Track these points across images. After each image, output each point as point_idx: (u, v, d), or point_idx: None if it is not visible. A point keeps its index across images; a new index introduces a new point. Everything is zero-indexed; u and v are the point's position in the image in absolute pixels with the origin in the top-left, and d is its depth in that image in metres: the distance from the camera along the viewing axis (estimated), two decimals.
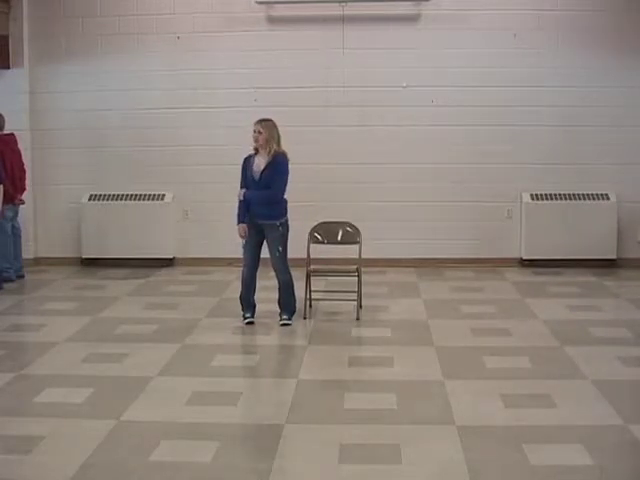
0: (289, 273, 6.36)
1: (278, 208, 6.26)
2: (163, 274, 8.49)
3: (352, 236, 6.82)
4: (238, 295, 6.50)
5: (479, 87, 8.47)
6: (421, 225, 8.68)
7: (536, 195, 8.55)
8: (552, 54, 8.44)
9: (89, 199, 8.81)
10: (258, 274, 6.44)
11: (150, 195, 8.78)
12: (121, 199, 8.78)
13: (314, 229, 6.84)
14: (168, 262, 8.85)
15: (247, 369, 5.50)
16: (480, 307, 6.96)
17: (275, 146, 6.18)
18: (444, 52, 8.47)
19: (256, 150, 6.26)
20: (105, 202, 8.79)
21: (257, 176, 6.20)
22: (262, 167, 6.19)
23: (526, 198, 8.55)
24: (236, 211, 6.35)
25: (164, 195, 8.78)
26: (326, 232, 6.88)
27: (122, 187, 8.82)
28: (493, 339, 5.97)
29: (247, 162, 6.29)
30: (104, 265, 8.73)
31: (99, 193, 8.82)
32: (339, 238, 6.88)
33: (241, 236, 6.28)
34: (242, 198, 6.25)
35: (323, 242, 6.86)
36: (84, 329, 6.34)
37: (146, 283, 8.08)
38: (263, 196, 6.21)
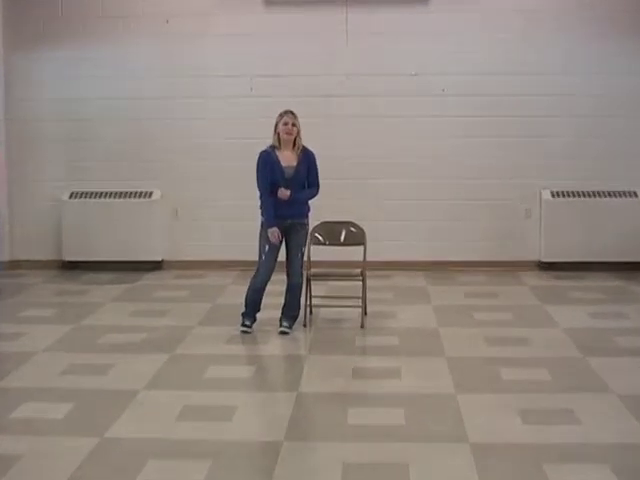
0: (302, 276, 6.42)
1: (307, 205, 6.40)
2: (151, 278, 8.48)
3: (356, 237, 6.81)
4: (235, 301, 6.48)
5: (494, 75, 8.47)
6: (431, 225, 8.68)
7: (557, 192, 8.54)
8: (576, 39, 8.42)
9: (70, 196, 8.81)
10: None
11: (137, 192, 8.77)
12: (106, 196, 8.78)
13: (315, 229, 6.82)
14: (157, 265, 8.84)
15: (243, 381, 5.49)
16: (495, 314, 6.95)
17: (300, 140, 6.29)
18: (457, 36, 8.47)
19: (275, 145, 6.24)
20: (88, 200, 8.78)
21: (289, 173, 6.22)
22: (294, 163, 6.22)
23: (546, 195, 8.54)
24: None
25: (152, 192, 8.77)
26: (328, 232, 6.87)
27: (107, 183, 8.82)
28: (509, 349, 5.96)
29: (269, 158, 6.23)
30: (87, 268, 8.73)
31: (81, 190, 8.82)
32: (342, 239, 6.87)
33: (275, 240, 6.21)
34: (286, 198, 6.18)
35: (324, 243, 6.84)
36: (65, 338, 6.33)
37: (133, 288, 8.07)
38: (308, 195, 6.33)
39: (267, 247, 6.26)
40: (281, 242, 6.32)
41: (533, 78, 8.46)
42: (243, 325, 6.37)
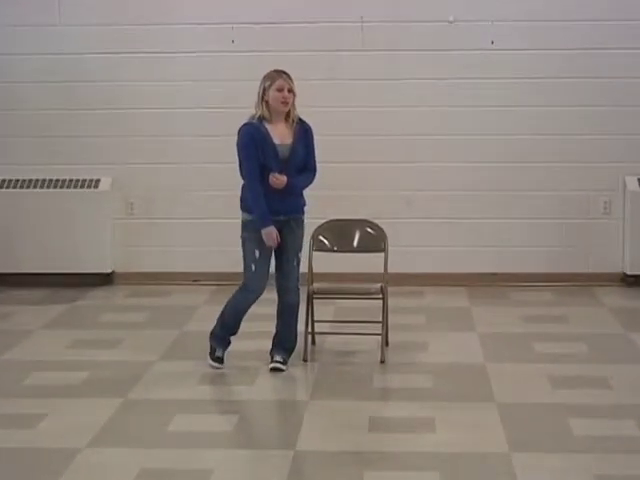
0: (299, 293, 6.45)
1: (302, 194, 6.45)
2: (98, 296, 8.52)
3: (374, 241, 6.82)
4: (209, 327, 6.47)
5: (561, 22, 8.47)
6: (475, 225, 8.68)
7: None
8: None
9: None
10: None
11: (79, 180, 8.79)
12: (36, 186, 8.80)
13: (319, 230, 6.85)
14: (105, 279, 8.87)
15: (220, 436, 5.47)
16: (563, 345, 6.96)
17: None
18: None
19: (264, 116, 6.25)
20: (12, 191, 8.80)
21: (285, 153, 6.25)
22: (290, 140, 6.27)
23: (632, 185, 8.55)
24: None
25: (99, 180, 8.79)
26: (336, 235, 6.89)
27: (38, 168, 8.83)
28: (584, 393, 5.96)
29: (257, 134, 6.23)
30: (10, 284, 8.73)
31: (3, 178, 8.82)
32: (355, 244, 6.90)
33: (273, 244, 6.23)
34: (282, 186, 6.20)
35: (332, 249, 6.87)
36: None
37: (72, 310, 8.10)
38: (305, 182, 6.38)
39: (258, 253, 6.25)
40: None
41: (614, 25, 8.45)
42: (214, 357, 6.41)
